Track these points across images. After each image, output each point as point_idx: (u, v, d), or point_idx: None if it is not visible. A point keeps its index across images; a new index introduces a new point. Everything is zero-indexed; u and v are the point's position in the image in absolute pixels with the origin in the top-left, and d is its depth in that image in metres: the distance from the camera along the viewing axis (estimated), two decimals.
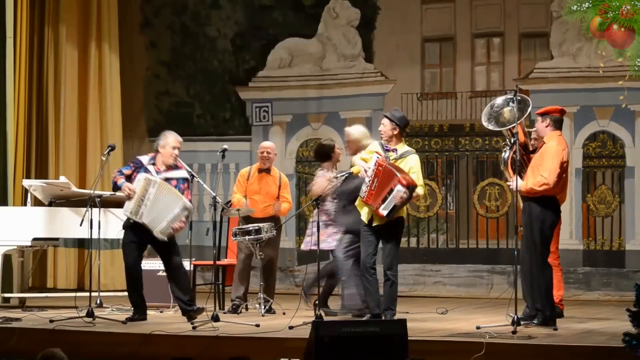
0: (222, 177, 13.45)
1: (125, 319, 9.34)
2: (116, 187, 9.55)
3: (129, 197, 9.39)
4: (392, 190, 8.68)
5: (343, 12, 13.46)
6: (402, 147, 9.04)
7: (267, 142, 10.87)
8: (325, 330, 7.02)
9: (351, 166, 9.29)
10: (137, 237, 9.50)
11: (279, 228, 10.35)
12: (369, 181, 8.81)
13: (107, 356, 8.40)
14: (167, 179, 9.48)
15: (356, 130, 9.92)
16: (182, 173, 9.58)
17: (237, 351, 7.91)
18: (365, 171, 8.86)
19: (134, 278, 9.56)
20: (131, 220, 9.45)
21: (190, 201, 9.57)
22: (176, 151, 9.55)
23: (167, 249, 9.52)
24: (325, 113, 13.50)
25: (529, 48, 12.77)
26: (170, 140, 9.56)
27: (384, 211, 8.74)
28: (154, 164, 9.55)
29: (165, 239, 9.39)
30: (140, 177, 9.42)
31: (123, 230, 9.64)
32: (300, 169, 13.64)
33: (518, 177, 8.74)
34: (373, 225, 8.91)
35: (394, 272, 8.92)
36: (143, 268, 10.01)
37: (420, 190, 8.89)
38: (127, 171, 9.54)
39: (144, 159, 9.62)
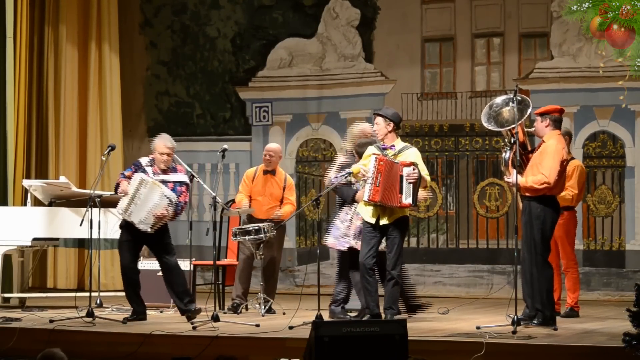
0: (222, 177, 13.45)
1: (123, 319, 9.34)
2: (118, 189, 9.55)
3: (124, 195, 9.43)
4: (401, 177, 8.69)
5: (343, 12, 13.45)
6: (399, 143, 9.07)
7: (273, 144, 10.72)
8: (325, 330, 7.02)
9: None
10: (132, 236, 9.50)
11: (281, 228, 10.31)
12: (372, 180, 8.79)
13: (107, 356, 8.40)
14: (164, 181, 9.46)
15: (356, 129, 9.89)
16: (181, 177, 9.54)
17: (238, 351, 7.91)
18: (366, 172, 8.85)
19: (129, 277, 9.56)
20: (122, 219, 9.47)
21: (186, 202, 9.55)
22: (164, 157, 9.46)
23: (161, 249, 9.52)
24: (325, 113, 13.49)
25: (529, 48, 12.77)
26: (156, 145, 9.52)
27: (407, 200, 8.73)
28: (152, 166, 9.54)
29: (149, 229, 9.34)
30: (136, 176, 9.41)
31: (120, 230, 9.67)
32: (300, 169, 13.63)
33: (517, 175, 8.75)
34: (381, 224, 8.88)
35: (398, 271, 8.91)
36: (143, 268, 10.02)
37: (427, 177, 8.93)
38: (128, 173, 9.55)
39: (144, 160, 9.62)
